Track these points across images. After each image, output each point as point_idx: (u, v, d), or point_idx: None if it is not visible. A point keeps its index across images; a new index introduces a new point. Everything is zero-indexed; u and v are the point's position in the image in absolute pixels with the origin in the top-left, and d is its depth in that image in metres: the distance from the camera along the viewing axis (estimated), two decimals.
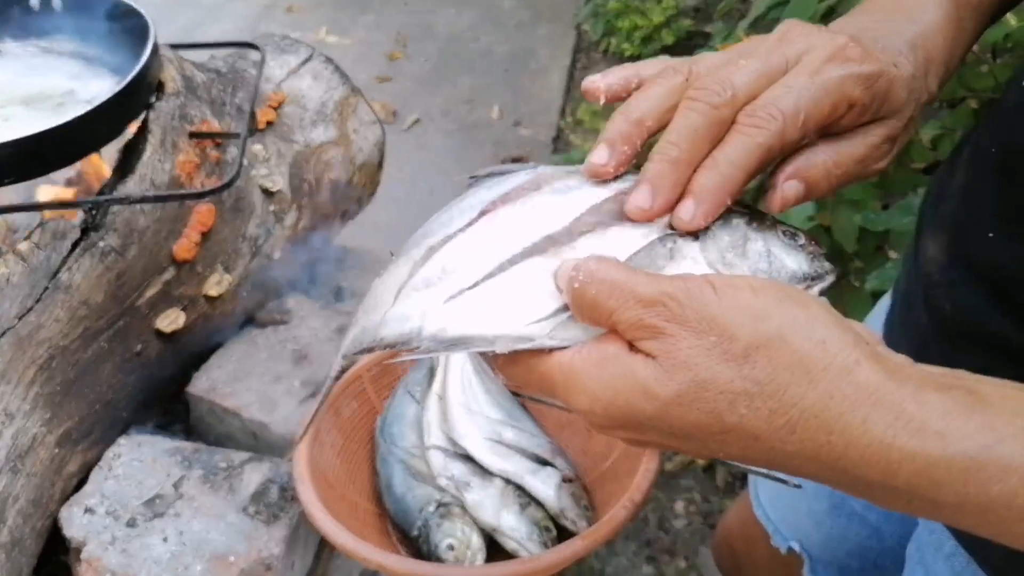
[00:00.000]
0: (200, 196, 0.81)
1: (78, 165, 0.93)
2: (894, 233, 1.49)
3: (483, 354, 0.37)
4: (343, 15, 3.40)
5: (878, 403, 0.30)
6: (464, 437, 0.78)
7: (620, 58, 3.14)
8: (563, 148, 2.71)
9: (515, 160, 2.64)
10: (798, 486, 0.66)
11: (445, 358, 0.84)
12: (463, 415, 0.80)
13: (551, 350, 0.35)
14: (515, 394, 0.88)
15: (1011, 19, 2.03)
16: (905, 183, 1.76)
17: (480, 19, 3.43)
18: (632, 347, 0.33)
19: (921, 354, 0.58)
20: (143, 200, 0.78)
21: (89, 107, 0.81)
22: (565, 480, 0.77)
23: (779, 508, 0.77)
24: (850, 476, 0.31)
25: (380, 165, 1.21)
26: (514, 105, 2.94)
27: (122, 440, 0.85)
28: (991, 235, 0.50)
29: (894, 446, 0.30)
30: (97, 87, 0.94)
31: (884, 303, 0.71)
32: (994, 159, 0.51)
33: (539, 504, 0.76)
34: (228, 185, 0.78)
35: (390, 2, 3.51)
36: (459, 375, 0.83)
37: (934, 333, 0.56)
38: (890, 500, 0.32)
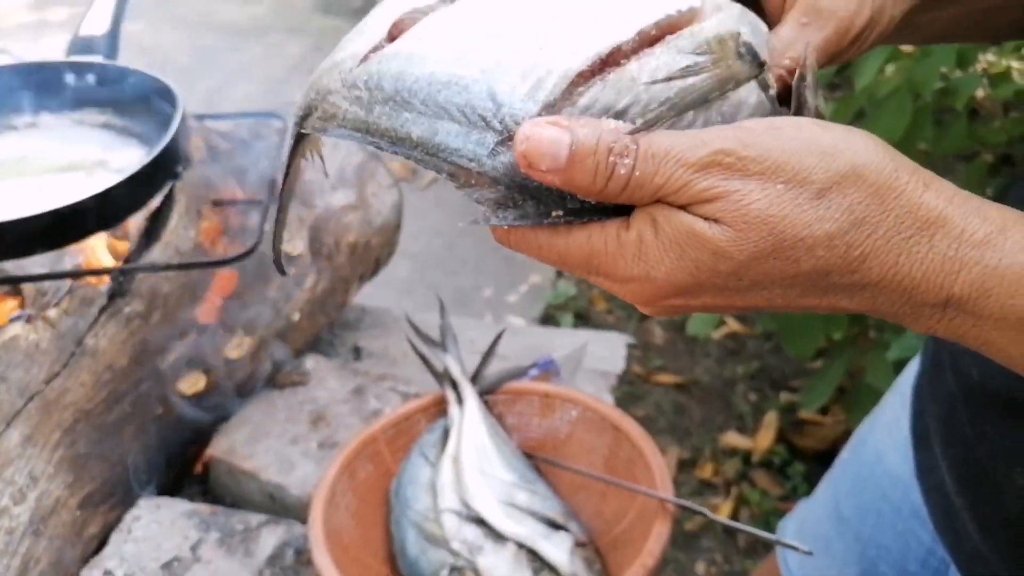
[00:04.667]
0: (223, 264, 0.84)
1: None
2: None
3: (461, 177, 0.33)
4: None
5: (946, 222, 0.32)
6: (478, 500, 0.79)
7: None
8: None
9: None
10: (809, 553, 0.66)
11: (460, 420, 0.85)
12: (477, 478, 0.81)
13: (581, 223, 0.33)
14: (528, 456, 0.89)
15: (1019, 77, 2.06)
16: None
17: None
18: (687, 209, 0.32)
19: (950, 419, 0.58)
20: (168, 268, 0.81)
21: (120, 177, 0.85)
22: (578, 544, 0.77)
23: (809, 573, 0.77)
24: (905, 297, 0.32)
25: (398, 227, 1.24)
26: None
27: (141, 502, 0.86)
28: None
29: (956, 258, 0.31)
30: (127, 157, 0.98)
31: (913, 367, 0.71)
32: None
33: (552, 569, 0.76)
34: (249, 253, 0.81)
35: None
36: (473, 437, 0.84)
37: (963, 398, 0.57)
38: (936, 317, 0.33)
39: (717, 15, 0.35)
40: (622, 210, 0.33)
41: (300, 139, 0.38)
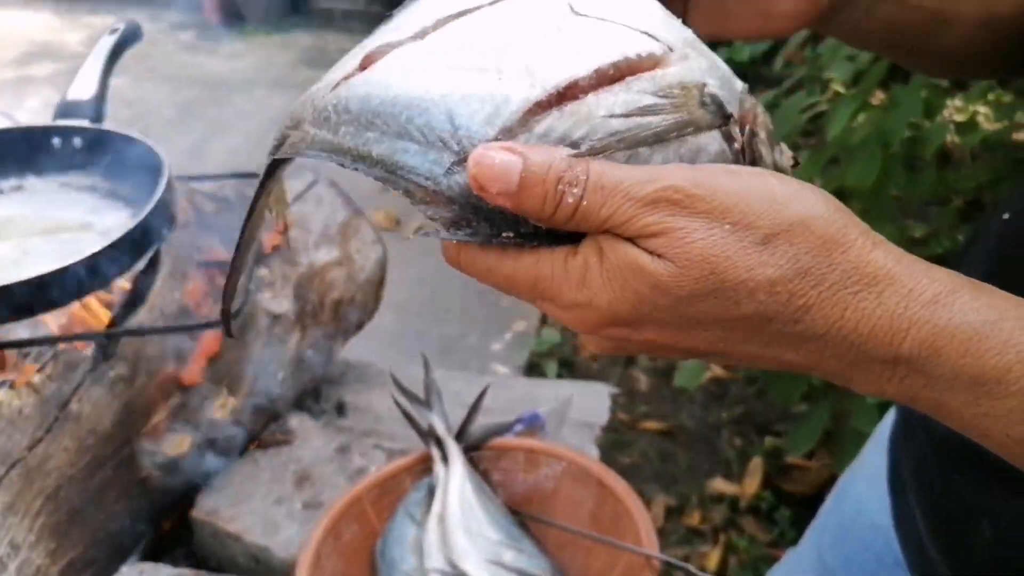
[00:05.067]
0: (208, 327, 0.84)
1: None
2: None
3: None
4: None
5: (894, 280, 0.31)
6: (464, 559, 0.79)
7: None
8: None
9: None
10: None
11: (445, 479, 0.85)
12: (463, 536, 0.80)
13: (531, 247, 0.33)
14: (514, 512, 0.89)
15: (986, 123, 2.12)
16: None
17: None
18: (634, 242, 0.32)
19: (922, 470, 0.59)
20: (153, 332, 0.82)
21: (105, 241, 0.86)
22: None
23: None
24: (853, 352, 0.32)
25: (382, 282, 1.25)
26: None
27: (125, 568, 0.85)
28: None
29: (905, 316, 0.31)
30: (113, 219, 0.99)
31: (890, 417, 0.72)
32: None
33: None
34: (235, 315, 0.82)
35: None
36: (459, 495, 0.84)
37: (932, 451, 0.58)
38: (885, 376, 0.32)
39: (683, 63, 0.36)
40: (575, 238, 0.34)
41: (273, 168, 0.40)
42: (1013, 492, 0.49)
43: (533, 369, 2.27)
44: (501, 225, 0.34)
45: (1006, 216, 0.54)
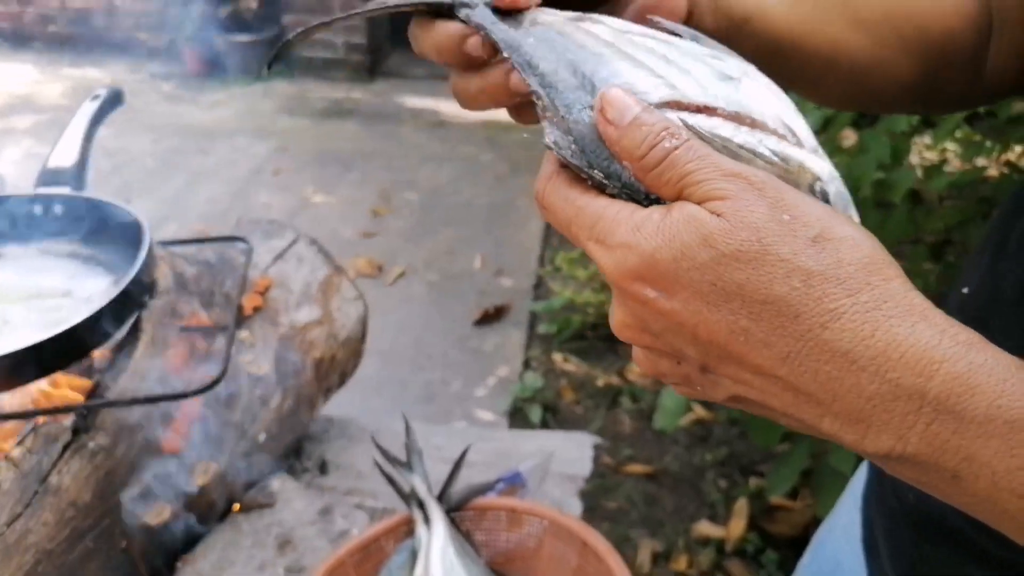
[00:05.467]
0: (190, 396, 0.85)
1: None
2: None
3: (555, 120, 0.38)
4: (328, 174, 3.58)
5: (929, 316, 0.31)
6: None
7: None
8: (543, 295, 2.80)
9: (498, 309, 2.71)
10: None
11: (427, 541, 0.85)
12: None
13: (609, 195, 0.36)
14: (498, 572, 0.89)
15: (955, 160, 2.17)
16: None
17: (461, 173, 3.62)
18: (700, 206, 0.33)
19: (894, 534, 0.60)
20: (134, 403, 0.82)
21: (86, 309, 0.86)
22: None
23: None
24: (877, 383, 0.30)
25: (363, 339, 1.26)
26: (495, 254, 3.05)
27: None
28: None
29: (939, 348, 0.30)
30: (94, 286, 1.00)
31: (862, 473, 0.73)
32: None
33: None
34: (215, 383, 0.82)
35: (373, 160, 3.70)
36: (441, 558, 0.84)
37: (903, 516, 0.59)
38: (909, 420, 0.30)
39: (813, 155, 0.39)
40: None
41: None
42: (991, 569, 0.50)
43: (517, 414, 2.27)
44: (597, 169, 0.37)
45: (965, 291, 0.56)
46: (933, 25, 0.52)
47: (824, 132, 1.73)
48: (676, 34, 0.42)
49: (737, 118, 0.37)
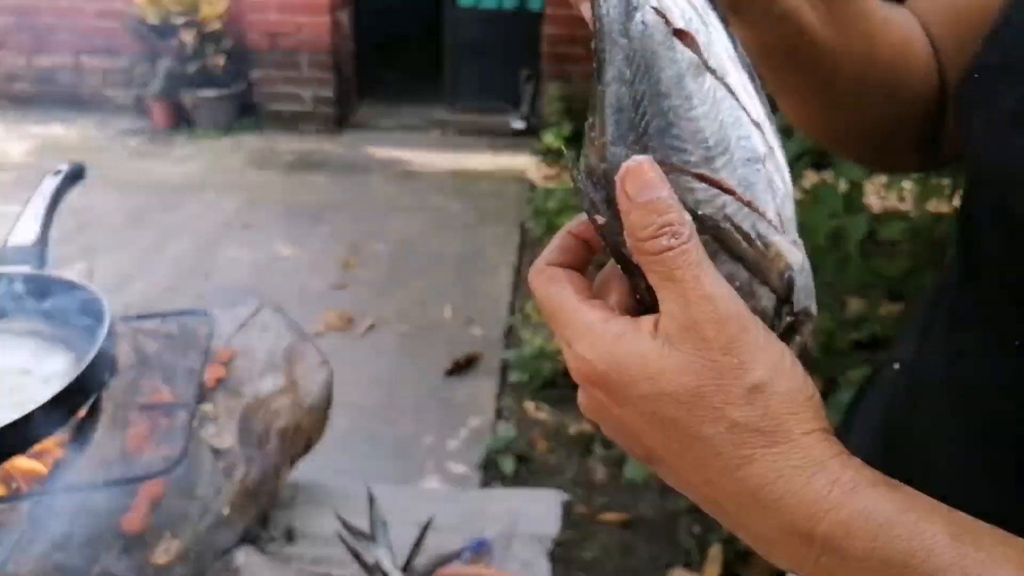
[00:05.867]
0: (150, 478, 0.85)
1: None
2: None
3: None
4: (298, 227, 3.59)
5: (825, 468, 0.35)
6: None
7: None
8: (515, 343, 2.81)
9: (469, 359, 2.72)
10: None
11: None
12: None
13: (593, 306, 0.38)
14: None
15: (911, 200, 2.24)
16: (836, 366, 1.86)
17: (430, 224, 3.65)
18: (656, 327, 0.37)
19: None
20: (93, 488, 0.82)
21: (46, 389, 0.86)
22: None
23: None
24: (776, 519, 0.35)
25: (328, 405, 1.26)
26: (465, 304, 3.07)
27: None
28: None
29: (828, 498, 0.35)
30: (54, 364, 1.00)
31: None
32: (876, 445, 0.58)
33: None
34: (175, 465, 0.83)
35: (343, 212, 3.72)
36: None
37: None
38: (802, 552, 0.36)
39: (793, 245, 0.38)
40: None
41: None
42: None
43: (490, 466, 2.27)
44: (607, 232, 0.38)
45: (896, 367, 0.58)
46: (909, 80, 0.55)
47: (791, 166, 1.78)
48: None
49: (748, 203, 0.37)
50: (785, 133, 0.54)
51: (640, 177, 0.36)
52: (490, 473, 2.25)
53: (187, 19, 4.04)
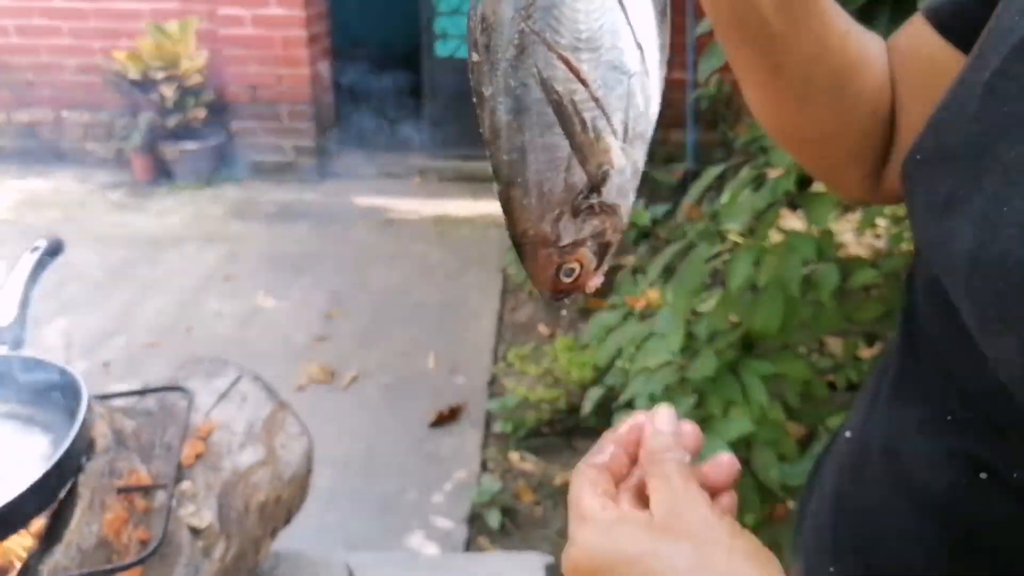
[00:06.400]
0: (128, 568, 0.84)
1: None
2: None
3: None
4: (280, 278, 3.59)
5: None
6: None
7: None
8: (498, 392, 2.81)
9: (453, 410, 2.71)
10: None
11: None
12: None
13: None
14: None
15: (885, 236, 2.27)
16: (814, 415, 1.88)
17: (412, 272, 3.67)
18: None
19: None
20: None
21: (21, 475, 0.86)
22: None
23: None
24: None
25: (309, 474, 1.26)
26: (449, 352, 3.07)
27: None
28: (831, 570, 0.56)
29: None
30: (30, 447, 0.99)
31: None
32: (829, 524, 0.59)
33: None
34: (153, 553, 0.82)
35: (324, 262, 3.73)
36: None
37: None
38: None
39: (620, 144, 0.42)
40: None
41: None
42: None
43: (476, 520, 2.25)
44: (476, 70, 0.41)
45: (848, 435, 0.60)
46: (881, 92, 0.58)
47: (751, 235, 1.82)
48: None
49: (596, 100, 0.40)
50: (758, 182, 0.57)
51: (665, 421, 0.48)
52: (476, 528, 2.23)
53: (167, 73, 4.08)
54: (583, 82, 0.40)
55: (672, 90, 4.21)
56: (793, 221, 2.14)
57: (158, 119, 4.20)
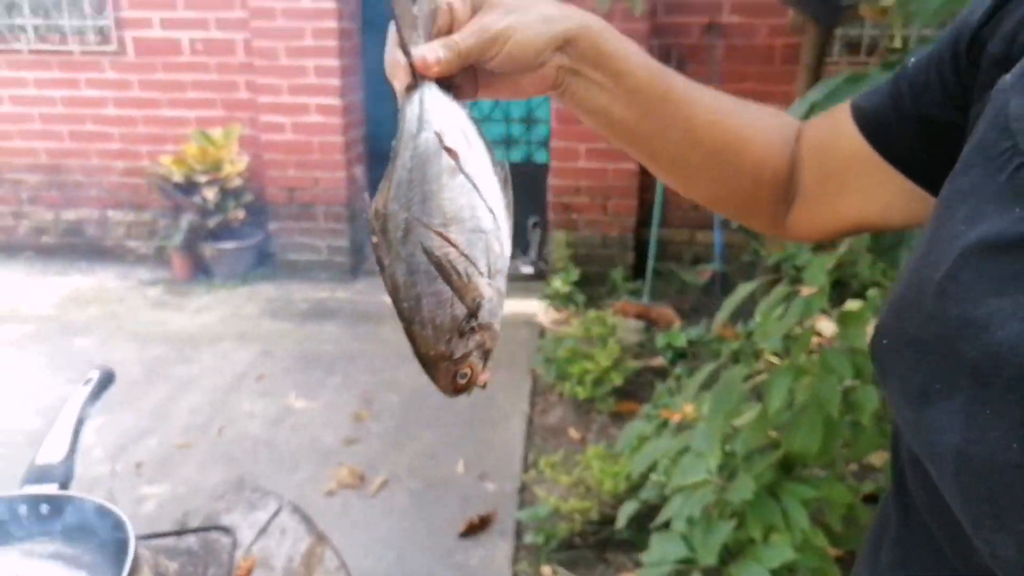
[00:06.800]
0: None
1: None
2: None
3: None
4: (311, 378, 3.62)
5: None
6: None
7: (575, 401, 3.34)
8: (529, 500, 2.77)
9: (483, 519, 2.67)
10: None
11: None
12: None
13: None
14: None
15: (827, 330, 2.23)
16: (858, 541, 1.83)
17: None
18: None
19: None
20: None
21: None
22: None
23: None
24: None
25: None
26: (478, 457, 3.04)
27: None
28: None
29: None
30: None
31: None
32: None
33: None
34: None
35: (355, 363, 3.76)
36: None
37: None
38: None
39: (487, 281, 0.56)
40: None
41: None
42: None
43: None
44: (376, 251, 0.57)
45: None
46: (761, 165, 0.68)
47: (787, 354, 1.81)
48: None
49: (465, 255, 0.55)
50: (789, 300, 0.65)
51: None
52: None
53: (210, 176, 4.23)
54: (454, 246, 0.54)
55: None
56: (827, 325, 2.13)
57: (199, 220, 4.34)
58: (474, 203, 0.55)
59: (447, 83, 0.57)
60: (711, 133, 0.65)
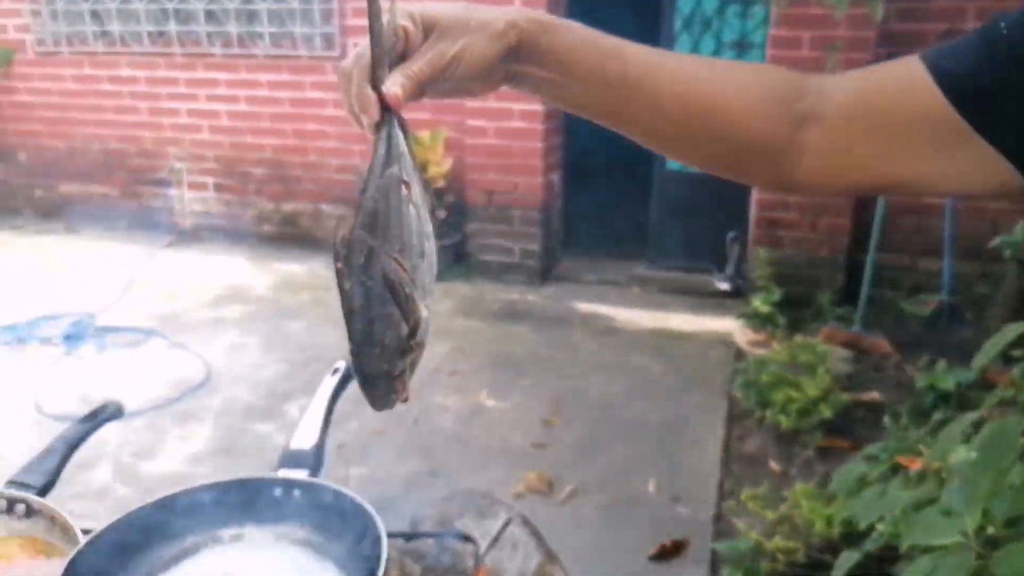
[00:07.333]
0: None
1: None
2: None
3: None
4: (502, 379, 3.64)
5: None
6: None
7: (777, 431, 3.12)
8: (727, 531, 2.61)
9: (676, 544, 2.55)
10: None
11: None
12: None
13: None
14: None
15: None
16: None
17: (632, 385, 3.58)
18: None
19: None
20: None
21: None
22: None
23: None
24: None
25: None
26: (670, 478, 2.92)
27: None
28: None
29: None
30: None
31: None
32: None
33: None
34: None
35: (546, 368, 3.75)
36: None
37: None
38: None
39: (423, 303, 0.64)
40: None
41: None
42: None
43: None
44: (338, 275, 0.63)
45: None
46: (737, 127, 0.68)
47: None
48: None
49: (412, 280, 0.61)
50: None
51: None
52: None
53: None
54: (406, 271, 0.60)
55: (928, 216, 3.89)
56: None
57: None
58: (420, 231, 0.62)
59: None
60: (679, 104, 0.67)
